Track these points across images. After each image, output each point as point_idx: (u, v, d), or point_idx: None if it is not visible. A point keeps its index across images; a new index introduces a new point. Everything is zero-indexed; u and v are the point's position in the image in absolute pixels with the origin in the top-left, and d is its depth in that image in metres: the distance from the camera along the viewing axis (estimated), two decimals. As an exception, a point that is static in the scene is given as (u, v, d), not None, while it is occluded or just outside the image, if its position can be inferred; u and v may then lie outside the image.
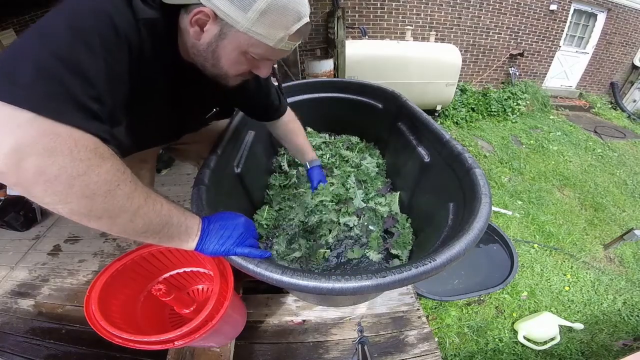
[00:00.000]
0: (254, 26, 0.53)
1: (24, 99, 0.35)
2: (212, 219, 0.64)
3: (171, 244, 0.57)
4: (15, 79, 0.36)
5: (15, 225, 1.89)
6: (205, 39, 0.56)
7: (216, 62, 0.60)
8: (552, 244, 2.13)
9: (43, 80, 0.37)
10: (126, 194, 0.44)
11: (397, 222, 1.30)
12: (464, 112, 4.01)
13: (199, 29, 0.55)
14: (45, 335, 1.30)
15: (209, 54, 0.59)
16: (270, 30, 0.55)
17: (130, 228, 0.47)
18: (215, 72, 0.63)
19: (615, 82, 5.47)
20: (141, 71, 0.53)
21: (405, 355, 1.14)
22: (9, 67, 0.37)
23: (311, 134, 1.92)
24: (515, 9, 4.38)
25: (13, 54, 0.38)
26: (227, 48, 0.57)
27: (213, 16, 0.53)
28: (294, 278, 0.59)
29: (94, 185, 0.40)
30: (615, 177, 3.14)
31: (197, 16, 0.53)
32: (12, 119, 0.35)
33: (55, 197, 0.38)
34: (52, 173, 0.36)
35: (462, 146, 1.00)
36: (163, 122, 0.75)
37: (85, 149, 0.39)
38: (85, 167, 0.38)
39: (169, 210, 0.54)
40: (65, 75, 0.39)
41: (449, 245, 0.64)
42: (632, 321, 1.67)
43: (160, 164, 2.39)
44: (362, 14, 3.99)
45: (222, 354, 1.04)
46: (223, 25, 0.54)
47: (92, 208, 0.41)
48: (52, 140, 0.36)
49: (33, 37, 0.40)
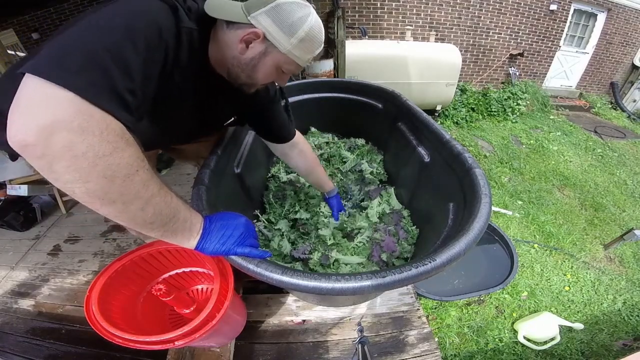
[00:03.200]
0: (294, 49, 0.66)
1: (69, 81, 0.39)
2: (213, 218, 0.65)
3: (173, 239, 0.57)
4: (65, 63, 0.40)
5: (15, 225, 1.89)
6: (249, 55, 0.66)
7: (252, 73, 0.70)
8: (552, 244, 2.13)
9: (91, 68, 0.41)
10: (143, 181, 0.46)
11: (403, 218, 1.30)
12: (464, 112, 4.01)
13: (245, 45, 0.65)
14: (45, 335, 1.30)
15: (249, 67, 0.68)
16: (303, 53, 0.68)
17: (139, 216, 0.49)
18: (247, 81, 0.72)
19: (615, 82, 5.47)
20: (174, 75, 0.59)
21: (405, 355, 1.14)
22: (60, 52, 0.41)
23: (314, 134, 1.92)
24: (515, 9, 4.38)
25: (67, 41, 0.43)
26: (267, 64, 0.68)
27: (262, 37, 0.64)
28: (294, 278, 0.59)
29: (115, 167, 0.42)
30: (615, 177, 3.14)
31: (249, 35, 0.63)
32: (53, 96, 0.38)
33: (77, 175, 0.40)
34: (80, 150, 0.39)
35: (462, 146, 1.00)
36: (182, 124, 0.81)
37: (114, 132, 0.42)
38: (111, 149, 0.41)
39: (178, 204, 0.55)
40: (111, 66, 0.43)
41: (449, 245, 0.64)
42: (632, 321, 1.67)
43: (160, 164, 2.39)
44: (362, 14, 3.99)
45: (222, 354, 1.04)
46: (268, 45, 0.65)
47: (109, 190, 0.43)
48: (86, 120, 0.39)
49: (91, 28, 0.45)
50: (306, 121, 1.89)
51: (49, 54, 0.41)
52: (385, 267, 1.01)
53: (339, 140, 1.92)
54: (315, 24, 0.67)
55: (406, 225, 1.30)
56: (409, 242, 1.24)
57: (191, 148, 1.14)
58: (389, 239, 1.22)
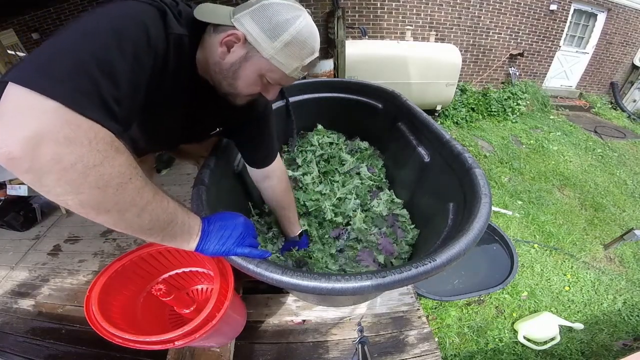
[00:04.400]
0: (277, 54, 0.60)
1: (54, 90, 0.37)
2: (212, 219, 0.64)
3: (173, 243, 0.57)
4: (51, 71, 0.38)
5: (15, 225, 1.89)
6: (230, 59, 0.61)
7: (234, 81, 0.64)
8: (552, 244, 2.13)
9: (77, 76, 0.39)
10: (137, 188, 0.45)
11: (400, 217, 1.29)
12: (464, 112, 4.01)
13: (227, 49, 0.60)
14: (45, 335, 1.30)
15: (229, 73, 0.63)
16: (289, 59, 0.61)
17: (136, 224, 0.48)
18: (229, 90, 0.67)
19: (615, 82, 5.47)
20: (163, 82, 0.56)
21: (405, 355, 1.14)
22: (45, 59, 0.39)
23: (320, 132, 1.91)
24: (515, 9, 4.38)
25: (53, 47, 0.41)
26: (248, 70, 0.62)
27: (243, 40, 0.59)
28: (294, 278, 0.59)
29: (107, 177, 0.40)
30: (615, 177, 3.14)
31: (229, 38, 0.58)
32: (38, 106, 0.36)
33: (68, 187, 0.38)
34: (69, 161, 0.37)
35: (462, 146, 1.00)
36: (170, 132, 0.77)
37: (103, 141, 0.40)
38: (101, 158, 0.39)
39: (175, 208, 0.54)
40: (97, 74, 0.41)
41: (449, 245, 0.64)
42: (632, 321, 1.67)
43: (160, 164, 2.39)
44: (362, 14, 3.99)
45: (222, 354, 1.04)
46: (250, 49, 0.60)
47: (103, 200, 0.42)
48: (73, 131, 0.37)
49: (76, 34, 0.43)
50: (305, 121, 1.89)
51: (33, 62, 0.39)
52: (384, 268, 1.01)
53: (341, 143, 1.90)
54: (305, 28, 0.60)
55: (404, 224, 1.30)
56: (407, 242, 1.25)
57: (191, 148, 1.14)
58: (386, 241, 1.22)
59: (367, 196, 1.46)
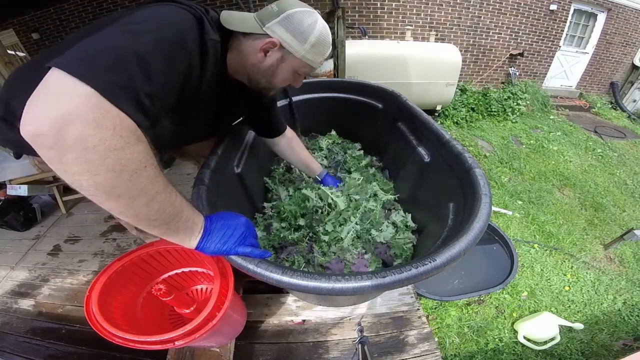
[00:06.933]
0: (307, 54, 0.74)
1: (92, 77, 0.40)
2: (214, 218, 0.65)
3: (175, 238, 0.58)
4: (94, 63, 0.41)
5: (15, 225, 1.89)
6: (268, 62, 0.74)
7: (272, 79, 0.78)
8: (552, 244, 2.13)
9: (116, 70, 0.43)
10: (150, 177, 0.47)
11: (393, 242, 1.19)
12: (464, 112, 4.01)
13: (264, 53, 0.73)
14: (45, 335, 1.30)
15: (268, 72, 0.77)
16: (316, 56, 0.76)
17: (143, 212, 0.49)
18: (267, 86, 0.80)
19: (615, 82, 5.47)
20: (201, 84, 0.64)
21: (405, 355, 1.14)
22: (91, 51, 0.43)
23: (332, 137, 1.90)
24: (515, 9, 4.38)
25: (99, 41, 0.45)
26: (285, 69, 0.77)
27: (279, 45, 0.72)
28: (294, 278, 0.59)
29: (125, 162, 0.42)
30: (616, 177, 3.14)
31: (267, 45, 0.71)
32: (74, 89, 0.39)
33: (86, 166, 0.40)
34: (92, 142, 0.39)
35: (462, 146, 1.00)
36: (200, 128, 0.88)
37: (127, 128, 0.43)
38: (123, 143, 0.42)
39: (181, 203, 0.56)
40: (135, 71, 0.45)
41: (449, 245, 0.64)
42: (632, 321, 1.67)
43: (161, 164, 2.38)
44: (362, 14, 4.00)
45: (222, 354, 1.04)
46: (284, 52, 0.74)
47: (117, 184, 0.43)
48: (101, 115, 0.40)
49: (125, 33, 0.48)
50: (305, 121, 1.89)
51: (80, 52, 0.43)
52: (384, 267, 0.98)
53: (339, 155, 1.77)
54: (323, 28, 0.74)
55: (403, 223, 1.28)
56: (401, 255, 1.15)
57: (192, 147, 1.14)
58: (361, 263, 1.09)
59: (380, 219, 1.27)
